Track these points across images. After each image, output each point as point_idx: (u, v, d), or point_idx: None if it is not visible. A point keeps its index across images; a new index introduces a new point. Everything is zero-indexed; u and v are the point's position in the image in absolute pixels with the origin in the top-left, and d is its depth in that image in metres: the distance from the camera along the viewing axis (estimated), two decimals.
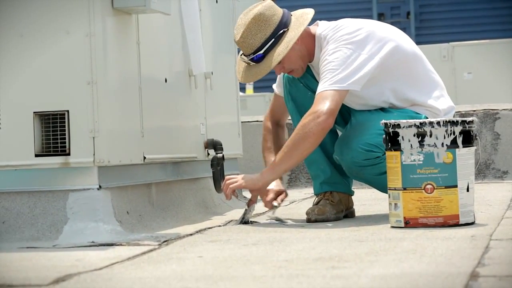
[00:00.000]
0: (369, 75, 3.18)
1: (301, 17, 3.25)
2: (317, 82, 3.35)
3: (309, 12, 3.27)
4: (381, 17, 13.65)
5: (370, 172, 3.20)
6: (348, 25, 3.24)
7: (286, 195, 3.39)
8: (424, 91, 3.31)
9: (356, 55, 3.16)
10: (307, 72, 3.37)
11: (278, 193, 3.35)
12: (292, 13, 3.30)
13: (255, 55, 3.20)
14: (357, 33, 3.20)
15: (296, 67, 3.30)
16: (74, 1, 3.05)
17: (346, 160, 3.20)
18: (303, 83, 3.40)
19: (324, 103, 3.10)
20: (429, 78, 3.34)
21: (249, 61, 3.23)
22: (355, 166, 3.19)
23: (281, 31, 3.20)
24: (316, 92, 3.17)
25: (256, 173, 3.27)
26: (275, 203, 3.33)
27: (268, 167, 3.25)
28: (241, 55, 3.28)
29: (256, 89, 11.82)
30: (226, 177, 3.29)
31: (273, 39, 3.19)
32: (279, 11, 3.23)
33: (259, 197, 3.33)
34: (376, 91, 3.25)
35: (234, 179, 3.25)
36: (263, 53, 3.19)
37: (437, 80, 3.37)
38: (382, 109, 3.30)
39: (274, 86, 3.58)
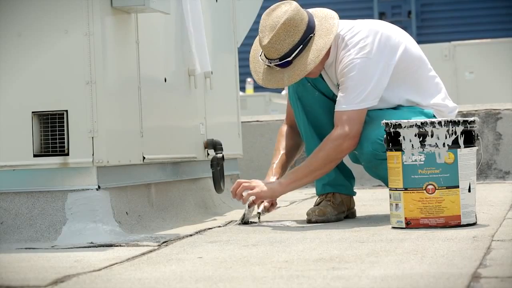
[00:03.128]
0: (385, 84, 3.19)
1: (326, 21, 3.19)
2: (325, 82, 3.32)
3: (334, 17, 3.21)
4: (382, 16, 13.65)
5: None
6: (364, 28, 3.21)
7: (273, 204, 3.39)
8: (429, 94, 3.31)
9: (375, 67, 3.15)
10: None
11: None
12: (312, 13, 3.23)
13: (281, 61, 3.15)
14: (373, 40, 3.17)
15: (315, 71, 3.27)
16: (73, 0, 3.04)
17: (366, 153, 3.18)
18: (311, 83, 3.36)
19: (349, 126, 3.15)
20: (432, 81, 3.35)
21: (274, 66, 3.16)
22: (375, 159, 3.17)
23: (309, 37, 3.16)
24: (338, 108, 3.17)
25: (266, 179, 3.29)
26: (259, 210, 3.33)
27: (289, 180, 3.23)
28: (260, 55, 3.21)
29: (256, 89, 11.81)
30: (239, 181, 3.27)
31: (301, 46, 3.14)
32: (305, 15, 3.16)
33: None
34: (386, 95, 3.24)
35: (249, 184, 3.24)
36: (292, 59, 3.16)
37: (440, 83, 3.38)
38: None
39: (284, 92, 3.55)
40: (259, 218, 3.34)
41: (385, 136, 3.03)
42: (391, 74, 3.21)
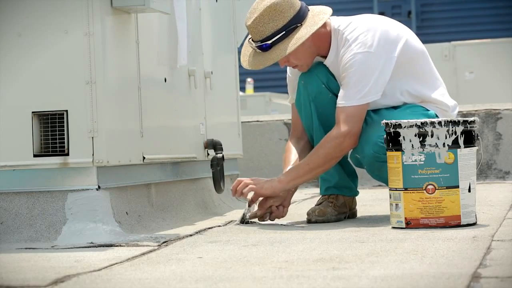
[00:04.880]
0: (388, 78, 3.18)
1: (317, 15, 3.20)
2: (337, 83, 3.30)
3: (327, 12, 3.22)
4: None
5: None
6: (362, 23, 3.20)
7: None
8: (431, 88, 3.31)
9: (376, 61, 3.14)
10: (327, 71, 3.30)
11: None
12: (310, 8, 3.25)
13: (262, 43, 3.17)
14: (373, 34, 3.15)
15: (302, 63, 3.28)
16: (73, 0, 3.03)
17: (368, 155, 3.17)
18: (325, 85, 3.29)
19: (350, 124, 3.14)
20: (434, 76, 3.34)
21: (256, 48, 3.20)
22: (376, 162, 3.16)
23: (294, 26, 3.17)
24: (339, 104, 3.16)
25: (268, 178, 3.27)
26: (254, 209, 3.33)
27: (290, 177, 3.23)
28: (249, 39, 3.24)
29: (256, 88, 11.81)
30: (239, 179, 3.26)
31: (283, 32, 3.15)
32: (296, 5, 3.18)
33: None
34: (389, 89, 3.23)
35: (249, 180, 3.24)
36: (271, 43, 3.17)
37: (440, 78, 3.37)
38: (394, 107, 3.29)
39: (288, 100, 3.51)
40: (243, 218, 3.31)
41: (385, 136, 3.02)
42: (395, 67, 3.19)
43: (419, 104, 3.29)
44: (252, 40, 3.20)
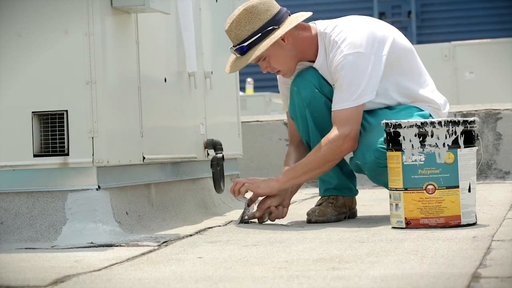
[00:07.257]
0: (380, 76, 3.17)
1: (294, 18, 3.22)
2: (331, 87, 3.29)
3: (305, 14, 3.24)
4: (382, 16, 13.64)
5: None
6: (348, 25, 3.21)
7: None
8: (420, 85, 3.32)
9: (367, 61, 3.14)
10: (318, 75, 3.28)
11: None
12: (292, 14, 3.26)
13: (239, 46, 3.18)
14: (361, 35, 3.16)
15: (284, 68, 3.27)
16: (73, 0, 3.03)
17: (369, 162, 3.16)
18: (319, 89, 3.29)
19: (348, 126, 3.13)
20: (422, 72, 3.35)
21: (235, 53, 3.22)
22: (378, 167, 3.15)
23: (271, 28, 3.17)
24: (334, 107, 3.16)
25: (265, 177, 3.28)
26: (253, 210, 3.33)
27: (287, 177, 3.23)
28: (231, 46, 3.26)
29: (256, 89, 11.82)
30: (235, 180, 3.27)
31: (259, 34, 3.16)
32: (274, 8, 3.19)
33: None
34: (381, 88, 3.23)
35: (247, 180, 3.24)
36: (247, 46, 3.17)
37: (428, 75, 3.39)
38: (389, 108, 3.29)
39: (283, 108, 3.52)
40: (243, 218, 3.32)
41: (385, 136, 3.02)
42: (386, 66, 3.18)
43: (411, 104, 3.29)
44: (233, 46, 3.21)
